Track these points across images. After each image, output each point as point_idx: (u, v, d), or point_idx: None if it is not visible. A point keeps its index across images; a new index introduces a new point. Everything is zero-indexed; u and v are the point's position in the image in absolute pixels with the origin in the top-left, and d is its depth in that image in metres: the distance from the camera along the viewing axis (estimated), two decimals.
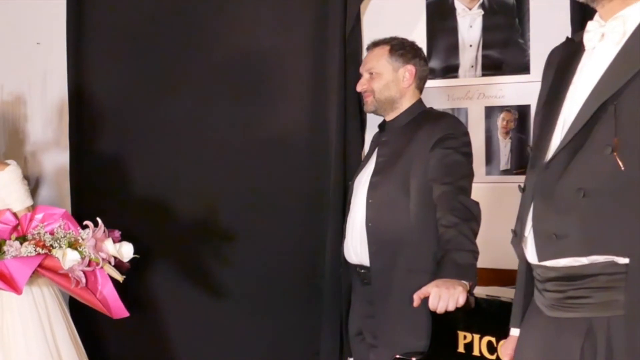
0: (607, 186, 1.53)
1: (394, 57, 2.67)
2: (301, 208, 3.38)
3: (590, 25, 1.66)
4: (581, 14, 2.76)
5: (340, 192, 3.22)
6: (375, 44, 2.74)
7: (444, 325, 2.35)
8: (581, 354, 1.59)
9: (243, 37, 3.44)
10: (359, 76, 3.20)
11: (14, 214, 2.81)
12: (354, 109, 3.26)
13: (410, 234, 2.52)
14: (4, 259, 2.59)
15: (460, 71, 3.24)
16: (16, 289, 2.56)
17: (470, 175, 2.55)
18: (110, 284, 2.66)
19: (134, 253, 2.75)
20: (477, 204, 2.46)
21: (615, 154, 1.51)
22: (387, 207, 2.57)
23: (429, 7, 3.28)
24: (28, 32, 3.77)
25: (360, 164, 2.89)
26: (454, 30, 3.25)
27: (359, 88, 2.76)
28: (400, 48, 2.68)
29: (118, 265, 2.75)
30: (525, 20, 3.13)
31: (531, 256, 1.68)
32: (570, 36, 1.84)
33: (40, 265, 2.60)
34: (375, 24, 3.29)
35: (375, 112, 2.76)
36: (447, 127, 2.55)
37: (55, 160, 3.76)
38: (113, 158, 3.58)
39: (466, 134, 2.61)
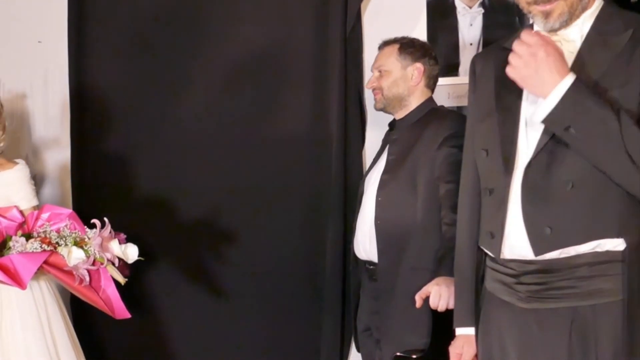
0: (592, 176, 1.63)
1: (402, 55, 2.71)
2: (302, 207, 3.38)
3: None
4: None
5: (340, 191, 3.23)
6: (386, 43, 2.79)
7: (445, 323, 2.36)
8: (569, 345, 1.65)
9: (244, 36, 3.43)
10: (359, 75, 3.21)
11: (21, 212, 2.82)
12: (355, 107, 3.26)
13: (417, 232, 2.55)
14: (9, 254, 2.60)
15: (461, 70, 3.25)
16: (21, 284, 2.57)
17: None
18: (113, 285, 2.67)
19: (138, 255, 2.76)
20: None
21: None
22: (395, 206, 2.60)
23: (430, 6, 3.28)
24: (29, 30, 3.76)
25: (366, 163, 2.91)
26: (454, 29, 3.26)
27: (368, 85, 2.81)
28: (410, 46, 2.73)
29: (119, 270, 2.76)
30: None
31: (518, 252, 1.73)
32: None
33: (45, 262, 2.61)
34: (376, 22, 3.30)
35: (384, 110, 2.79)
36: (454, 126, 2.57)
37: (57, 158, 3.75)
38: (114, 156, 3.58)
39: None
